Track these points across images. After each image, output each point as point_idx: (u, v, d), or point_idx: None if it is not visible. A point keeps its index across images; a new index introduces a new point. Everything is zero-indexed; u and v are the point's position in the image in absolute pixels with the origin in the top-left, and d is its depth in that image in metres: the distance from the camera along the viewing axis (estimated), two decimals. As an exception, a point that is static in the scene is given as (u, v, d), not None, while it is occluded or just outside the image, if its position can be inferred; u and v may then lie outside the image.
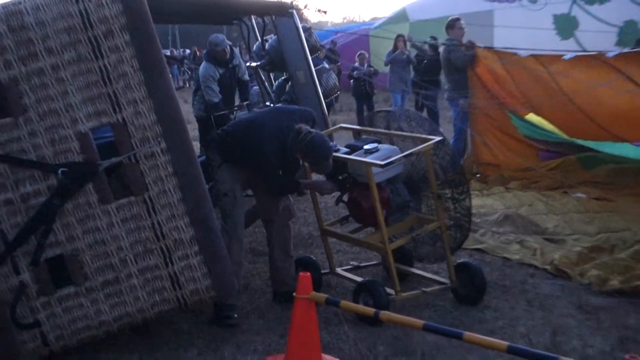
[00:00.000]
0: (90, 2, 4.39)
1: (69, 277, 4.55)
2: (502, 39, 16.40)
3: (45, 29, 4.37)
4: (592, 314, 5.29)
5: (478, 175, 9.80)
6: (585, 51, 13.83)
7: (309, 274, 4.52)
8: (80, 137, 4.47)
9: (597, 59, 8.35)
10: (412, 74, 15.81)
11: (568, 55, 9.12)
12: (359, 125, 7.19)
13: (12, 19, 4.31)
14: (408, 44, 16.38)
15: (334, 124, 7.02)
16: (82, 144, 4.47)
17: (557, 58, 9.14)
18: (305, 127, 5.20)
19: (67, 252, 4.51)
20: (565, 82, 8.74)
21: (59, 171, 4.42)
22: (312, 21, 36.86)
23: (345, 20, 52.97)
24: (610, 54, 8.36)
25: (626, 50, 9.11)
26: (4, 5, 4.38)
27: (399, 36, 16.43)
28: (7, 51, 4.31)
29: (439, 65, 12.64)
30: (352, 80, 16.53)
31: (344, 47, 22.84)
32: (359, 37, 24.37)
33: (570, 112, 8.96)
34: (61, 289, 4.54)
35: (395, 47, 15.98)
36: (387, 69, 16.55)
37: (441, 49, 11.53)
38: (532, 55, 9.31)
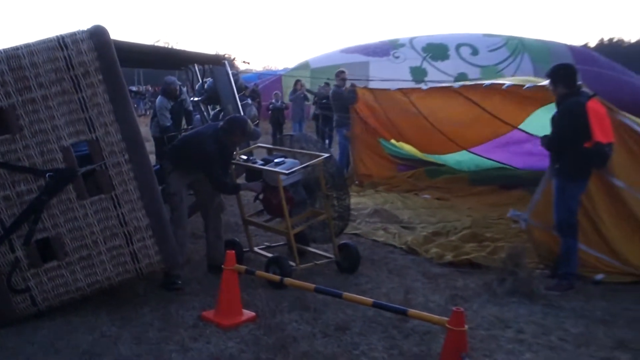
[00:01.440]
0: (72, 50, 4.33)
1: (53, 254, 4.47)
2: (375, 82, 16.78)
3: (38, 69, 4.29)
4: (433, 279, 5.41)
5: (357, 182, 9.90)
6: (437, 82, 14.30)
7: (233, 251, 4.56)
8: (64, 150, 4.39)
9: (447, 89, 8.58)
10: (313, 108, 15.91)
11: (425, 86, 9.39)
12: (273, 145, 7.21)
13: (12, 61, 4.24)
14: (305, 87, 16.48)
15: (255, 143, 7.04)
16: (64, 155, 4.39)
17: (416, 90, 9.38)
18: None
19: (52, 236, 4.43)
20: (423, 107, 8.97)
21: (47, 175, 4.35)
22: (240, 68, 36.55)
23: (264, 68, 52.93)
24: (456, 85, 8.62)
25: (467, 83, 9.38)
26: (5, 50, 4.29)
27: (297, 81, 16.50)
28: (7, 85, 4.23)
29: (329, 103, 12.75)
30: (269, 112, 16.50)
31: (263, 87, 22.80)
32: (275, 80, 24.48)
33: (426, 130, 9.20)
34: (47, 263, 4.46)
35: (295, 89, 16.01)
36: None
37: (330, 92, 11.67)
38: (399, 89, 9.53)
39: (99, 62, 4.37)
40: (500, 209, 7.62)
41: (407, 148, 10.31)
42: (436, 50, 24.03)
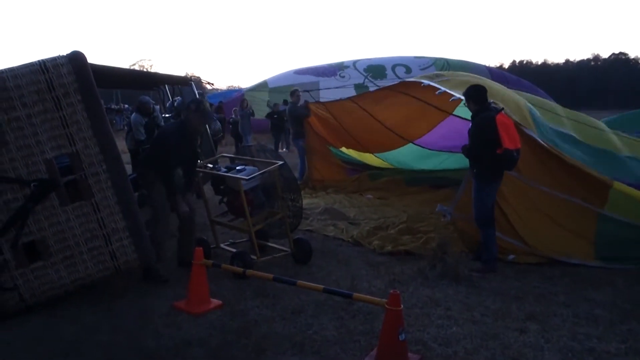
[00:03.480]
0: (53, 73, 4.24)
1: (39, 255, 4.34)
2: (325, 97, 16.85)
3: (21, 90, 4.18)
4: (375, 267, 5.46)
5: (310, 186, 9.92)
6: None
7: (202, 248, 4.51)
8: (47, 162, 4.28)
9: (389, 90, 8.50)
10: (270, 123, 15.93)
11: (372, 88, 9.41)
12: (236, 155, 7.15)
13: (-3, 83, 4.09)
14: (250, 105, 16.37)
15: (220, 153, 6.97)
16: (48, 166, 4.28)
17: (364, 94, 9.36)
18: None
19: (38, 238, 4.31)
20: (370, 109, 8.95)
21: (32, 185, 4.23)
22: (208, 87, 35.94)
23: (228, 87, 52.74)
24: (394, 82, 8.60)
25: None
26: (-9, 74, 4.14)
27: (244, 99, 16.41)
28: (-7, 105, 4.08)
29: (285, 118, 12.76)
30: (230, 125, 16.36)
31: (228, 104, 22.59)
32: (238, 97, 24.29)
33: (375, 129, 9.20)
34: (33, 263, 4.33)
35: (242, 107, 15.91)
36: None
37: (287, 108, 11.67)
38: (348, 98, 9.55)
39: (78, 83, 4.27)
40: (431, 205, 7.70)
41: (354, 154, 10.39)
42: (376, 70, 24.38)
